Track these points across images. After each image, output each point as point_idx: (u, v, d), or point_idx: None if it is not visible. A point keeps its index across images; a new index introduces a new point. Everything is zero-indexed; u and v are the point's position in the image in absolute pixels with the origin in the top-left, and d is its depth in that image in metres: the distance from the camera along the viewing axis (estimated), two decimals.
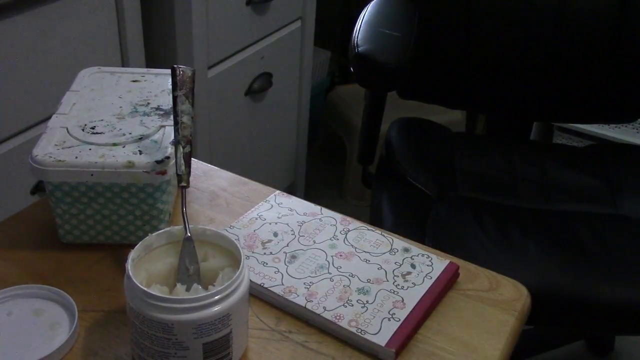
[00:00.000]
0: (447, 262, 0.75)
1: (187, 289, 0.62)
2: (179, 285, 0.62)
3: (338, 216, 0.82)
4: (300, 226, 0.80)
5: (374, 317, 0.68)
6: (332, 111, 2.28)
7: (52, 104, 0.85)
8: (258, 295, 0.72)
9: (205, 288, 0.62)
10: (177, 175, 0.71)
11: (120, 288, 0.62)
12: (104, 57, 1.31)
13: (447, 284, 0.73)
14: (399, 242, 0.78)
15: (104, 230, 0.76)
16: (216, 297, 0.58)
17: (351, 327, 0.67)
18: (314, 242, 0.78)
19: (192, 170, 0.72)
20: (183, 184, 0.71)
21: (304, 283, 0.72)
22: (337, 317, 0.68)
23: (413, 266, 0.75)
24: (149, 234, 0.65)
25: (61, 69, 1.22)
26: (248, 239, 0.78)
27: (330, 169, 2.33)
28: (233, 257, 0.65)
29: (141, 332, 0.60)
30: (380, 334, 0.66)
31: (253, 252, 0.76)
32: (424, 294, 0.71)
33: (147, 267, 0.64)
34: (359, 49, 1.10)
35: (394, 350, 0.65)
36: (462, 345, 0.67)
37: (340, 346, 0.67)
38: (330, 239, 0.78)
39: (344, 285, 0.72)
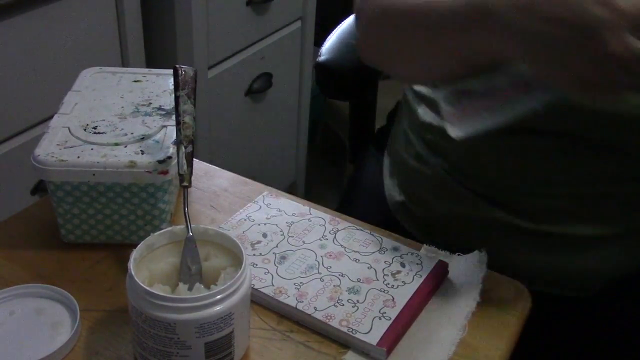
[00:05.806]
0: (436, 260, 0.76)
1: (189, 289, 0.62)
2: (181, 284, 0.63)
3: (327, 216, 0.82)
4: (289, 227, 0.80)
5: (365, 316, 0.68)
6: (332, 111, 2.28)
7: (52, 104, 0.85)
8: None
9: (207, 287, 0.62)
10: (179, 175, 0.71)
11: (122, 287, 0.62)
12: (104, 57, 1.31)
13: (437, 282, 0.74)
14: (388, 242, 0.78)
15: (105, 230, 0.76)
16: (218, 297, 0.59)
17: (342, 327, 0.67)
18: (304, 242, 0.78)
19: (193, 170, 0.72)
20: (185, 183, 0.71)
21: (294, 284, 0.72)
22: (328, 317, 0.68)
23: (403, 265, 0.75)
24: (151, 234, 0.65)
25: (61, 69, 1.22)
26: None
27: (330, 169, 2.33)
28: (235, 257, 0.65)
29: (143, 332, 0.60)
30: (372, 333, 0.66)
31: None
32: (414, 292, 0.71)
33: (149, 267, 0.64)
34: (319, 59, 1.15)
35: (385, 349, 0.65)
36: (463, 346, 0.68)
37: (341, 346, 0.67)
38: (319, 239, 0.78)
39: (334, 285, 0.72)
